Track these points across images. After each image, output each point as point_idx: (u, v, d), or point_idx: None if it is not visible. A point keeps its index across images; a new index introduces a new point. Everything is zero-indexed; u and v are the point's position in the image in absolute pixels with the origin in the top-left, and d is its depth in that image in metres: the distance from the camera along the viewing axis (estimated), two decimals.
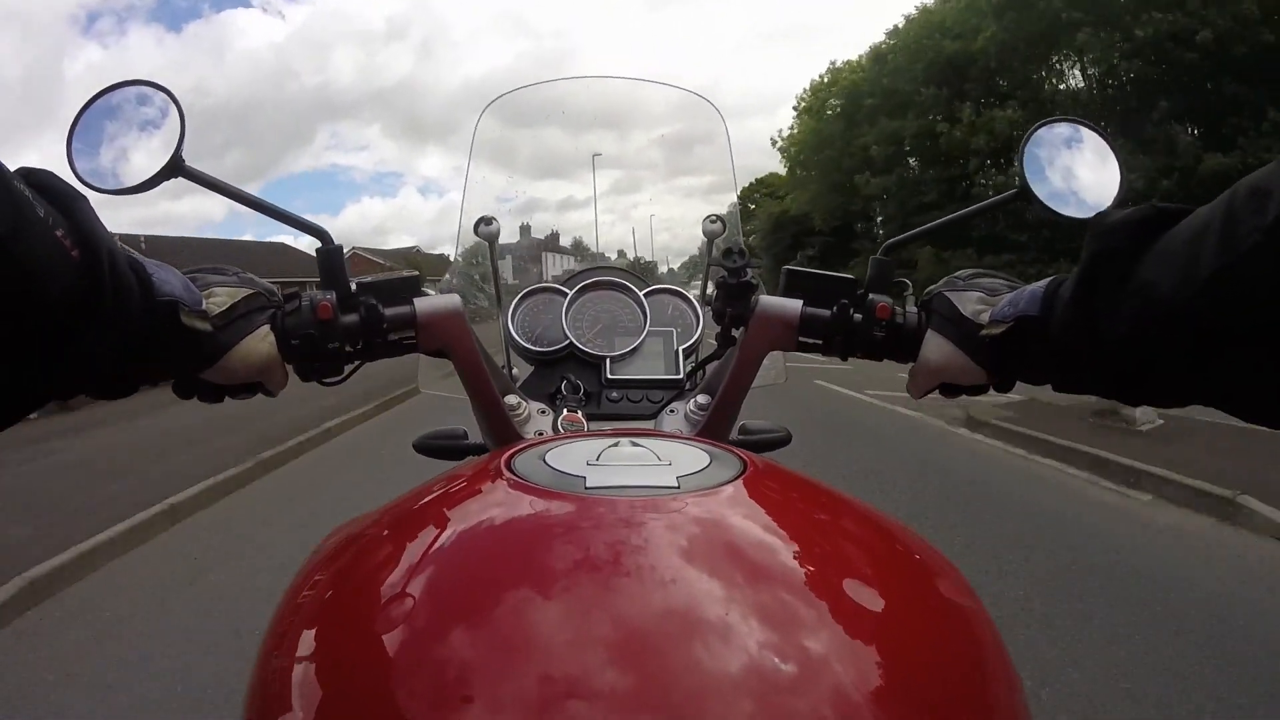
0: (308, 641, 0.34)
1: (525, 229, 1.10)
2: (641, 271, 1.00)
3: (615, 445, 0.45)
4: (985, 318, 0.53)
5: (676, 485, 0.38)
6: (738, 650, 0.28)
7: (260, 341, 0.55)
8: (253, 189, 0.60)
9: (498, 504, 0.39)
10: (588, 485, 0.38)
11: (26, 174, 0.36)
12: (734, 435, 0.78)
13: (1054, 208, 0.62)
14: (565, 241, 1.17)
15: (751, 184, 41.42)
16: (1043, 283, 0.49)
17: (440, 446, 0.80)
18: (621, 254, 1.20)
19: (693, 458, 0.44)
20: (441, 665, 0.28)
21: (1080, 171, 0.64)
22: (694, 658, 0.27)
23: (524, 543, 0.35)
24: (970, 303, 0.56)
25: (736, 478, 0.40)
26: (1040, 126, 0.64)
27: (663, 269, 1.22)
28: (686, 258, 1.23)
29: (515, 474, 0.41)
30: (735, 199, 0.95)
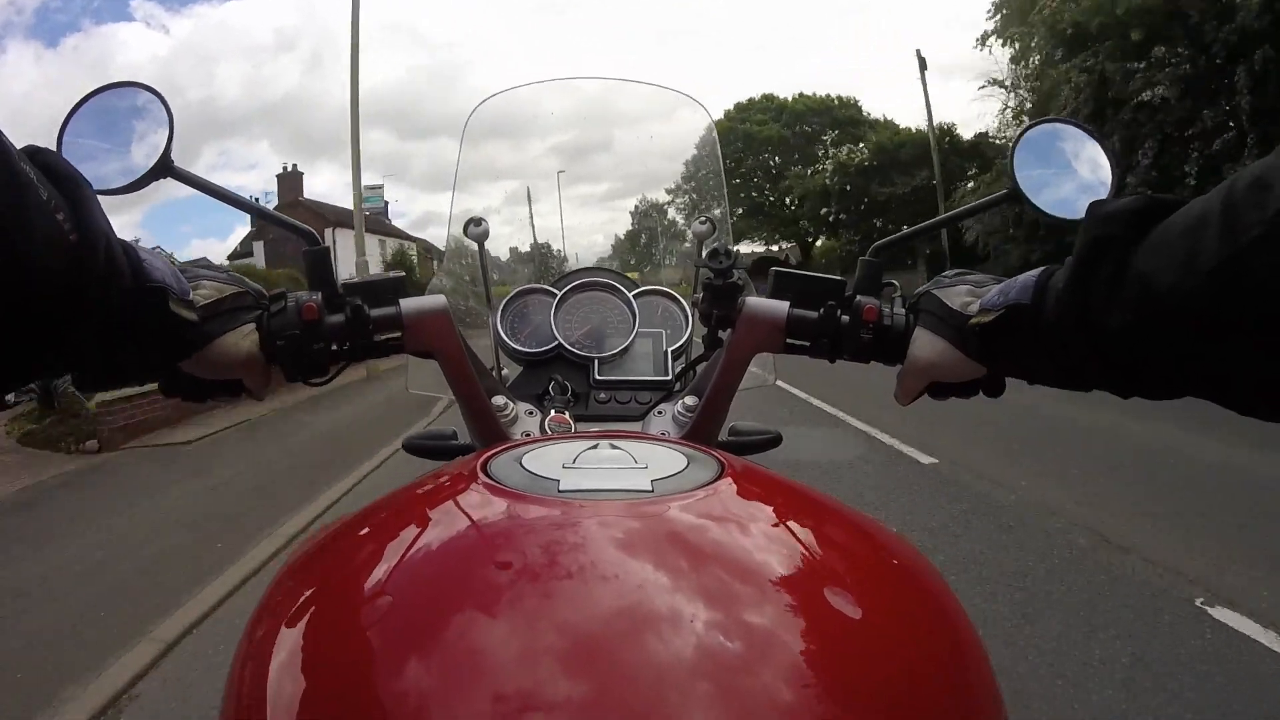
0: (281, 644, 0.34)
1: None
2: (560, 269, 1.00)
3: (594, 448, 0.45)
4: (974, 309, 0.53)
5: (650, 489, 0.38)
6: (700, 654, 0.27)
7: (243, 339, 0.55)
8: (137, 214, 0.57)
9: (469, 507, 0.39)
10: (560, 488, 0.38)
11: (32, 153, 0.36)
12: (724, 436, 0.78)
13: (1046, 209, 0.61)
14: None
15: (731, 110, 27.78)
16: (1034, 272, 0.49)
17: (429, 447, 0.81)
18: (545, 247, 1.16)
19: (671, 460, 0.43)
20: (406, 668, 0.28)
21: (1072, 172, 0.63)
22: (655, 663, 0.27)
23: (490, 546, 0.35)
24: (959, 296, 0.55)
25: (713, 481, 0.40)
26: (1031, 127, 0.63)
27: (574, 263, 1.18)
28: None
29: (490, 477, 0.41)
30: (724, 198, 0.95)
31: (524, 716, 0.25)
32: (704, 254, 0.64)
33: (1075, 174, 0.63)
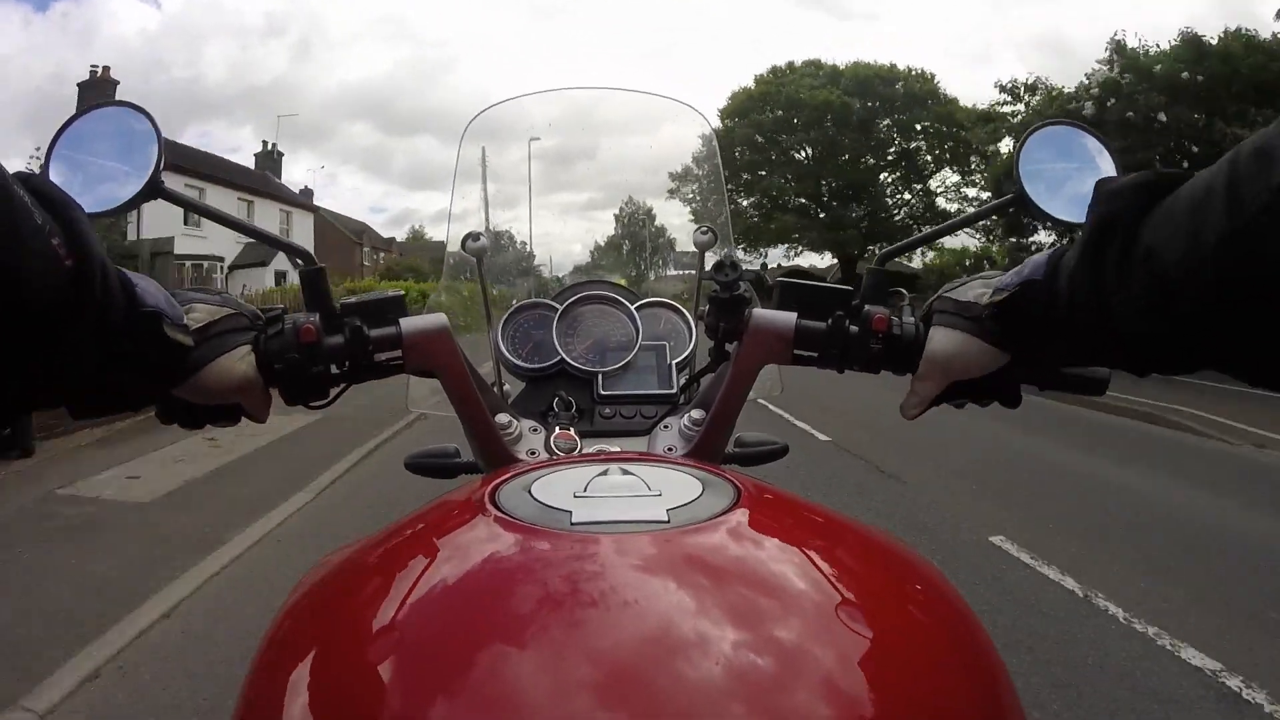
0: (289, 681, 0.33)
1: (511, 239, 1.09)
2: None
3: (604, 474, 0.44)
4: (988, 297, 0.52)
5: (666, 519, 0.37)
6: (736, 686, 0.27)
7: (238, 361, 0.53)
8: None
9: (481, 542, 0.39)
10: (574, 521, 0.37)
11: (24, 179, 0.36)
12: (730, 448, 0.77)
13: (1052, 213, 0.61)
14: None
15: (765, 75, 22.65)
16: (1046, 251, 0.49)
17: (432, 465, 0.79)
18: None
19: (685, 486, 0.43)
20: (422, 711, 0.28)
21: (1078, 175, 0.63)
22: (686, 700, 0.26)
23: (507, 586, 0.34)
24: (972, 291, 0.54)
25: (730, 508, 0.39)
26: (1036, 130, 0.63)
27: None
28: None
29: (500, 509, 0.40)
30: (725, 206, 0.94)
31: None
32: (708, 265, 0.63)
33: (1081, 177, 0.63)
